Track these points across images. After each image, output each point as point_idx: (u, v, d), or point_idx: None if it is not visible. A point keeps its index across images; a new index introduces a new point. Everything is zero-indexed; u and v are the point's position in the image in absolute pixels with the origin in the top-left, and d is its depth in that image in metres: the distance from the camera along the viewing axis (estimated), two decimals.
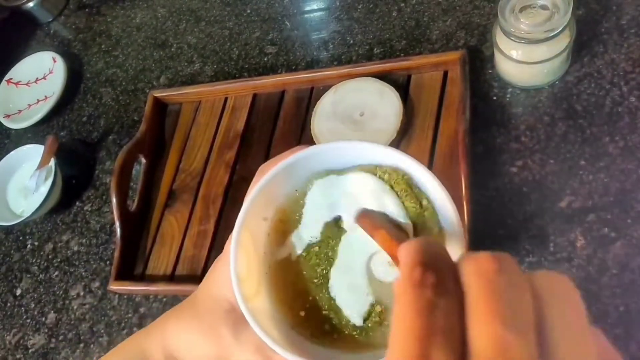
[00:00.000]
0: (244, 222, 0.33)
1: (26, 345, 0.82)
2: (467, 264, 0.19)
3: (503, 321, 0.17)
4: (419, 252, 0.20)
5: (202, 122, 0.86)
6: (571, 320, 0.19)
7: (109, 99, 0.99)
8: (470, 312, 0.18)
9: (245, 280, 0.32)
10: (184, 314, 0.37)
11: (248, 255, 0.33)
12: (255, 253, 0.34)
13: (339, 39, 0.87)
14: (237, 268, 0.32)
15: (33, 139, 1.00)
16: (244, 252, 0.33)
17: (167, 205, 0.82)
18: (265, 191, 0.33)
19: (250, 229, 0.33)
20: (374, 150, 0.33)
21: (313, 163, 0.34)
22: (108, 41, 1.07)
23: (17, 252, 0.91)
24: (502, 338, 0.17)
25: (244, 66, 0.91)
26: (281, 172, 0.33)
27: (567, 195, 0.63)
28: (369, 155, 0.33)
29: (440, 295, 0.19)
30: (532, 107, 0.70)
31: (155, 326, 0.39)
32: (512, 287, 0.18)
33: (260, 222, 0.34)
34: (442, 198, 0.31)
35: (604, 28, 0.71)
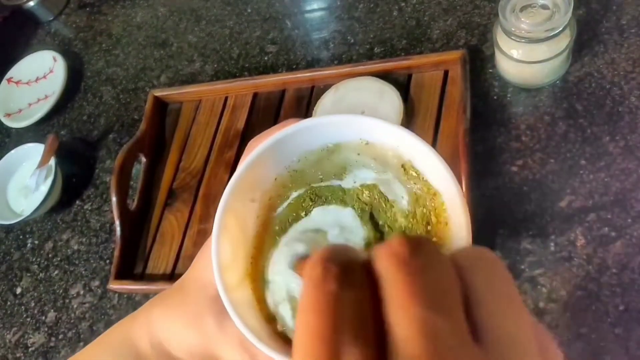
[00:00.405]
0: (227, 205, 0.30)
1: (26, 344, 0.82)
2: (378, 252, 0.18)
3: (423, 302, 0.16)
4: (322, 252, 0.18)
5: (203, 121, 0.86)
6: (500, 293, 0.17)
7: (109, 98, 0.99)
8: (386, 300, 0.17)
9: (228, 267, 0.30)
10: (170, 300, 0.36)
11: (233, 241, 0.31)
12: (242, 238, 0.31)
13: (339, 38, 0.87)
14: (220, 255, 0.29)
15: (33, 137, 1.00)
16: (228, 237, 0.30)
17: (167, 204, 0.82)
18: (252, 171, 0.31)
19: (235, 212, 0.31)
20: (374, 126, 0.30)
21: (306, 139, 0.31)
22: (109, 40, 1.07)
23: (17, 250, 0.91)
24: (426, 320, 0.15)
25: (245, 65, 0.91)
26: (269, 149, 0.30)
27: (568, 195, 0.63)
28: (369, 131, 0.30)
29: (345, 287, 0.17)
30: (532, 106, 0.70)
31: (142, 313, 0.38)
32: (430, 267, 0.17)
33: (247, 204, 0.32)
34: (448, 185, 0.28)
35: (605, 28, 0.71)
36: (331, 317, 0.16)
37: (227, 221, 0.30)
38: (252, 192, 0.32)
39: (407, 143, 0.29)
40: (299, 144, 0.31)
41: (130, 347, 0.36)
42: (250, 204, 0.32)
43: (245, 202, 0.32)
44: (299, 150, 0.32)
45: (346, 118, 0.30)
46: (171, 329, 0.35)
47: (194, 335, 0.33)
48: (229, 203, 0.30)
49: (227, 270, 0.29)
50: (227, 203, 0.30)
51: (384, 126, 0.29)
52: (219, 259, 0.29)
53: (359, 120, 0.30)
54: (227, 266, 0.30)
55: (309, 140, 0.31)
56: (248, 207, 0.32)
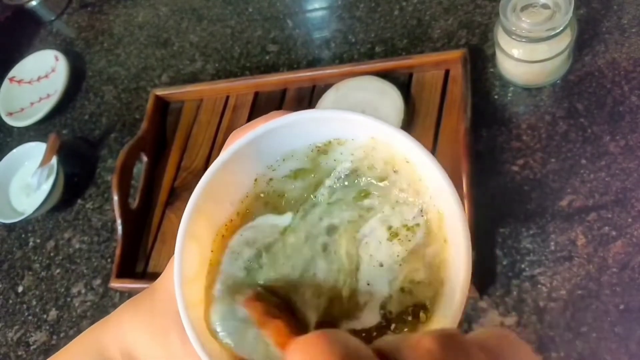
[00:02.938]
0: (195, 208, 0.26)
1: (28, 342, 0.82)
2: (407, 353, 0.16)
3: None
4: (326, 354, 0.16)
5: (204, 120, 0.87)
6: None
7: (110, 97, 1.00)
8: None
9: (194, 280, 0.26)
10: (140, 308, 0.34)
11: (202, 249, 0.27)
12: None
13: (340, 37, 0.87)
14: (184, 266, 0.25)
15: (35, 137, 1.00)
16: (196, 245, 0.26)
17: (168, 203, 0.82)
18: (228, 169, 0.26)
19: (207, 216, 0.27)
20: (367, 125, 0.26)
21: (293, 135, 0.27)
22: (110, 40, 1.07)
23: (19, 249, 0.91)
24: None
25: (246, 65, 0.91)
26: (248, 145, 0.26)
27: (568, 194, 0.63)
28: (361, 129, 0.27)
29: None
30: (533, 106, 0.70)
31: (114, 317, 0.36)
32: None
33: (223, 208, 0.28)
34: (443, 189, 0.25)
35: (605, 27, 0.71)
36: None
37: (195, 227, 0.26)
38: (227, 193, 0.28)
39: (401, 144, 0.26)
40: (284, 141, 0.28)
41: (99, 354, 0.35)
42: (227, 207, 0.28)
43: (220, 204, 0.28)
44: (284, 149, 0.28)
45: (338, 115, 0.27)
46: (139, 339, 0.33)
47: (159, 350, 0.31)
48: (198, 206, 0.26)
49: (192, 284, 0.26)
50: (196, 206, 0.26)
51: (382, 127, 0.26)
52: (183, 271, 0.26)
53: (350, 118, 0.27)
54: (193, 279, 0.26)
55: (297, 136, 0.28)
56: (223, 211, 0.28)
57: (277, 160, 0.28)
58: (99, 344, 0.36)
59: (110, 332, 0.35)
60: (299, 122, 0.26)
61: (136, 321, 0.33)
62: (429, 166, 0.25)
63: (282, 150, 0.28)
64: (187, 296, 0.26)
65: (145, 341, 0.32)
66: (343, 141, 0.28)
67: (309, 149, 0.28)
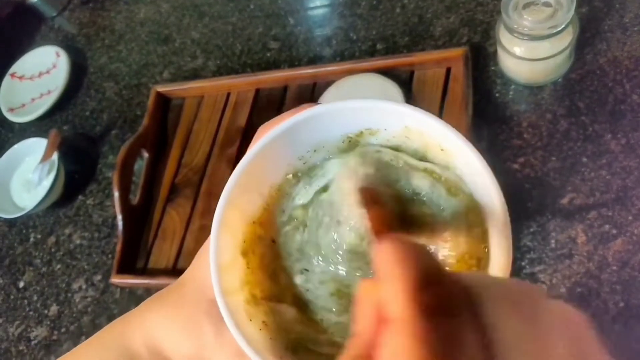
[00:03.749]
0: (229, 199, 0.26)
1: (29, 337, 0.82)
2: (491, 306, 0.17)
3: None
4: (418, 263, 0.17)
5: (205, 117, 0.87)
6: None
7: (112, 94, 1.00)
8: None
9: (228, 268, 0.27)
10: (167, 301, 0.33)
11: (235, 238, 0.28)
12: None
13: (342, 35, 0.87)
14: (219, 254, 0.26)
15: (36, 132, 1.00)
16: (230, 234, 0.27)
17: (169, 199, 0.83)
18: (259, 161, 0.27)
19: (239, 207, 0.27)
20: (401, 113, 0.25)
21: (323, 126, 0.27)
22: (111, 36, 1.07)
23: (20, 245, 0.92)
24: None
25: (247, 61, 0.91)
26: (279, 137, 0.27)
27: (569, 192, 0.63)
28: (394, 118, 0.26)
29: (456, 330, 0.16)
30: (534, 104, 0.70)
31: (137, 312, 0.35)
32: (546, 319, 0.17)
33: (254, 199, 0.28)
34: (483, 183, 0.25)
35: (607, 26, 0.71)
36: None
37: (228, 217, 0.27)
38: (259, 184, 0.28)
39: (438, 133, 0.26)
40: (314, 133, 0.28)
41: (123, 347, 0.34)
42: (257, 198, 0.29)
43: (252, 195, 0.28)
44: (315, 139, 0.28)
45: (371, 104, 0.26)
46: (167, 331, 0.32)
47: (190, 341, 0.31)
48: (231, 196, 0.27)
49: (226, 271, 0.27)
50: (230, 196, 0.27)
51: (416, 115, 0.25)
52: (218, 258, 0.26)
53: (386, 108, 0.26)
54: (227, 267, 0.27)
55: (328, 127, 0.27)
56: (255, 202, 0.28)
57: (307, 152, 0.29)
58: (123, 339, 0.34)
59: (134, 326, 0.34)
60: (330, 113, 0.26)
61: (163, 314, 0.33)
62: (465, 153, 0.25)
63: (312, 141, 0.28)
64: (224, 283, 0.26)
65: (174, 334, 0.32)
66: (375, 131, 0.28)
67: (340, 139, 0.28)
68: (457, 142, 0.25)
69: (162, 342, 0.33)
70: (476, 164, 0.25)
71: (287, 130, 0.27)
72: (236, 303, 0.27)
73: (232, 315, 0.26)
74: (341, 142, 0.28)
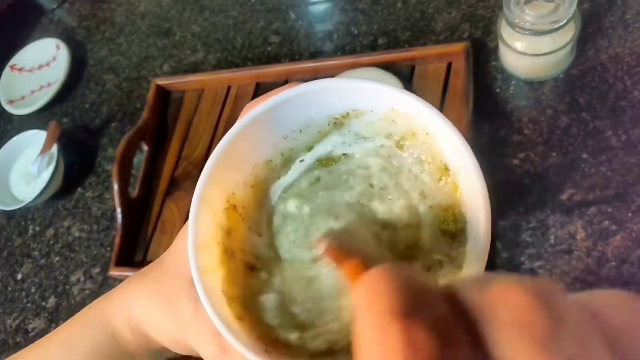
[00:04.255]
0: (210, 175, 0.26)
1: (26, 329, 0.82)
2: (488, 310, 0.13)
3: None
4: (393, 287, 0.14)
5: (205, 110, 0.86)
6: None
7: (112, 87, 0.99)
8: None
9: (207, 246, 0.26)
10: (148, 279, 0.33)
11: (216, 216, 0.27)
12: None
13: (343, 29, 0.87)
14: (197, 231, 0.25)
15: (36, 125, 0.99)
16: (210, 211, 0.26)
17: (168, 192, 0.82)
18: (243, 138, 0.26)
19: (221, 184, 0.27)
20: (388, 95, 0.25)
21: (309, 105, 0.27)
22: (112, 29, 1.07)
23: (18, 237, 0.91)
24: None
25: (248, 55, 0.91)
26: (264, 114, 0.26)
27: (569, 188, 0.63)
28: (381, 99, 0.26)
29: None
30: (535, 99, 0.70)
31: (118, 291, 0.35)
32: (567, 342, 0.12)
33: (236, 176, 0.28)
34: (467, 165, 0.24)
35: (609, 22, 0.70)
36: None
37: (209, 194, 0.26)
38: (241, 163, 0.28)
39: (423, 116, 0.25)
40: (300, 112, 0.27)
41: (105, 326, 0.34)
42: (239, 176, 0.28)
43: (234, 173, 0.28)
44: (301, 119, 0.27)
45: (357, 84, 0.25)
46: (147, 308, 0.32)
47: (169, 318, 0.31)
48: (213, 173, 0.26)
49: (205, 250, 0.26)
50: (211, 173, 0.26)
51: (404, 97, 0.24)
52: (196, 237, 0.26)
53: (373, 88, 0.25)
54: (206, 245, 0.26)
55: (314, 107, 0.27)
56: (237, 180, 0.28)
57: (293, 131, 0.28)
58: (104, 316, 0.34)
59: (115, 303, 0.34)
60: (316, 91, 0.26)
61: (143, 290, 0.33)
62: (452, 140, 0.24)
63: (298, 120, 0.28)
64: (201, 261, 0.25)
65: (153, 309, 0.32)
66: (361, 112, 0.27)
67: (325, 120, 0.28)
68: (443, 127, 0.24)
69: (142, 320, 0.33)
70: (462, 150, 0.24)
71: (272, 108, 0.26)
72: (213, 281, 0.26)
73: (208, 294, 0.25)
74: (326, 124, 0.28)
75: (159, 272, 0.32)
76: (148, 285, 0.32)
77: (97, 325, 0.35)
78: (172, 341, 0.32)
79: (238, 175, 0.28)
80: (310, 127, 0.28)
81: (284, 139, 0.28)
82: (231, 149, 0.26)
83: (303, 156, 0.30)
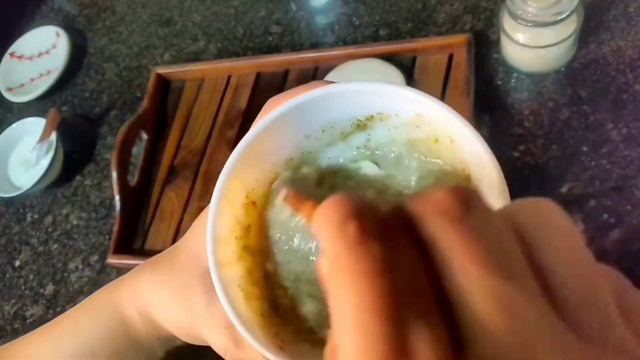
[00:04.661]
0: (232, 171, 0.26)
1: (24, 315, 0.82)
2: (419, 206, 0.15)
3: (495, 270, 0.13)
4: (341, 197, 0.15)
5: (205, 99, 0.86)
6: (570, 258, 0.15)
7: (112, 75, 0.99)
8: (444, 265, 0.14)
9: (225, 240, 0.26)
10: (160, 268, 0.33)
11: (235, 212, 0.27)
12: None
13: (344, 20, 0.86)
14: (217, 225, 0.26)
15: (35, 113, 0.99)
16: (229, 206, 0.27)
17: (167, 181, 0.82)
18: (266, 135, 0.26)
19: (242, 180, 0.27)
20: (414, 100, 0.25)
21: (334, 106, 0.27)
22: (112, 17, 1.06)
23: (17, 224, 0.91)
24: (502, 292, 0.13)
25: (248, 45, 0.91)
26: (290, 112, 0.26)
27: (568, 181, 0.63)
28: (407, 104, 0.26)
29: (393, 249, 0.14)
30: (536, 92, 0.69)
31: (129, 278, 0.35)
32: (489, 226, 0.14)
33: (256, 173, 0.28)
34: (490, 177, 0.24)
35: (612, 15, 0.70)
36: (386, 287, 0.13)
37: (230, 189, 0.26)
38: (264, 160, 0.28)
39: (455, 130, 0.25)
40: (324, 112, 0.27)
41: (114, 312, 0.34)
42: (259, 173, 0.28)
43: (255, 170, 0.28)
44: (324, 120, 0.27)
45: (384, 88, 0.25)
46: (159, 298, 0.32)
47: (181, 309, 0.31)
48: (235, 169, 0.26)
49: (223, 244, 0.26)
50: (233, 168, 0.26)
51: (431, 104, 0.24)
52: (215, 229, 0.26)
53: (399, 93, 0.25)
54: (224, 239, 0.26)
55: (339, 107, 0.27)
56: (257, 176, 0.28)
57: (316, 131, 0.28)
58: (114, 303, 0.34)
59: (127, 290, 0.34)
60: (342, 93, 0.26)
61: (155, 279, 0.33)
62: (478, 151, 0.24)
63: (322, 121, 0.27)
64: (219, 255, 0.26)
65: (165, 298, 0.32)
66: (386, 116, 0.27)
67: (349, 122, 0.28)
68: (469, 136, 0.24)
69: (153, 308, 0.33)
70: (487, 162, 0.24)
71: (298, 107, 0.26)
72: (230, 276, 0.26)
73: (224, 287, 0.25)
74: (349, 125, 0.28)
75: (172, 262, 0.32)
76: (161, 275, 0.32)
77: (106, 312, 0.35)
78: (182, 330, 0.32)
79: (258, 172, 0.28)
80: (333, 127, 0.28)
81: (306, 138, 0.28)
82: (254, 145, 0.26)
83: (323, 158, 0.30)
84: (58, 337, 0.36)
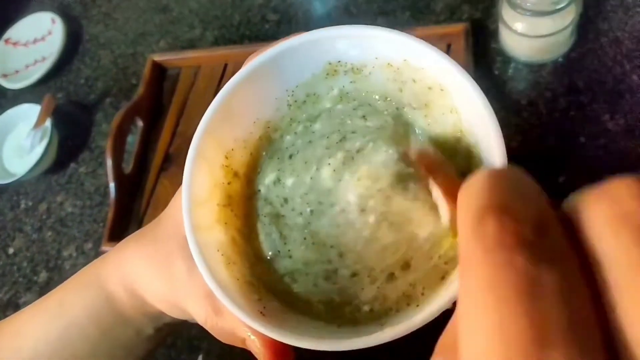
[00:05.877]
0: (208, 126, 0.24)
1: (17, 303, 0.82)
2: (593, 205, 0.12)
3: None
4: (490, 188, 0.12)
5: (201, 87, 0.85)
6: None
7: (107, 62, 0.98)
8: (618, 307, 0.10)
9: (203, 204, 0.25)
10: (144, 240, 0.32)
11: (212, 172, 0.26)
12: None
13: (342, 9, 0.86)
14: (193, 188, 0.24)
15: (30, 99, 0.98)
16: (206, 167, 0.25)
17: (162, 168, 0.82)
18: (243, 89, 0.24)
19: (219, 139, 0.25)
20: (399, 42, 0.23)
21: (313, 54, 0.25)
22: (108, 4, 1.05)
23: (10, 211, 0.91)
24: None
25: (245, 33, 0.90)
26: (265, 65, 0.24)
27: (565, 172, 0.63)
28: (391, 49, 0.24)
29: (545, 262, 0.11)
30: (534, 82, 0.69)
31: (115, 253, 0.34)
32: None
33: (235, 130, 0.26)
34: (484, 125, 0.22)
35: (610, 5, 0.70)
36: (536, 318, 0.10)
37: (206, 147, 0.25)
38: (242, 116, 0.26)
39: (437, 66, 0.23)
40: (304, 62, 0.25)
41: (100, 288, 0.33)
42: (238, 131, 0.26)
43: (233, 127, 0.26)
44: (304, 70, 0.26)
45: (363, 32, 0.23)
46: (142, 270, 0.31)
47: (163, 280, 0.30)
48: (210, 124, 0.24)
49: (201, 206, 0.25)
50: (208, 124, 0.24)
51: (423, 48, 0.22)
52: (192, 191, 0.24)
53: (378, 35, 0.23)
54: (203, 200, 0.25)
55: (318, 56, 0.25)
56: (236, 135, 0.26)
57: (297, 85, 0.26)
58: (99, 278, 0.34)
59: (111, 265, 0.34)
60: (321, 39, 0.24)
61: (139, 252, 0.32)
62: (467, 92, 0.22)
63: (301, 72, 0.25)
64: (196, 218, 0.24)
65: (148, 270, 0.31)
66: (366, 63, 0.26)
67: (327, 68, 0.26)
68: (460, 80, 0.23)
69: (137, 281, 0.32)
70: (478, 106, 0.23)
71: (278, 55, 0.24)
72: (209, 240, 0.25)
73: (202, 251, 0.23)
74: (325, 74, 0.26)
75: (156, 232, 0.32)
76: (144, 247, 0.32)
77: (92, 288, 0.34)
78: (166, 303, 0.31)
79: (237, 130, 0.26)
80: (314, 74, 0.26)
81: (287, 93, 0.26)
82: (230, 100, 0.25)
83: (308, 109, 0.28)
84: (46, 314, 0.36)
